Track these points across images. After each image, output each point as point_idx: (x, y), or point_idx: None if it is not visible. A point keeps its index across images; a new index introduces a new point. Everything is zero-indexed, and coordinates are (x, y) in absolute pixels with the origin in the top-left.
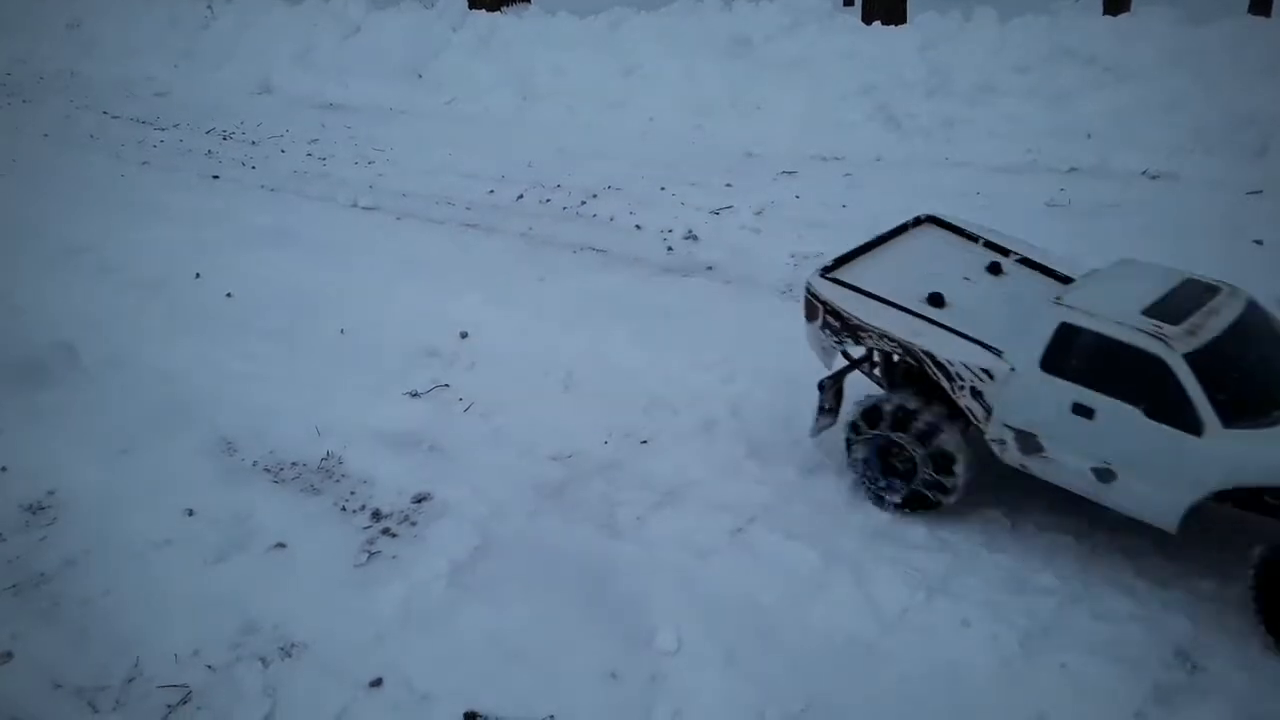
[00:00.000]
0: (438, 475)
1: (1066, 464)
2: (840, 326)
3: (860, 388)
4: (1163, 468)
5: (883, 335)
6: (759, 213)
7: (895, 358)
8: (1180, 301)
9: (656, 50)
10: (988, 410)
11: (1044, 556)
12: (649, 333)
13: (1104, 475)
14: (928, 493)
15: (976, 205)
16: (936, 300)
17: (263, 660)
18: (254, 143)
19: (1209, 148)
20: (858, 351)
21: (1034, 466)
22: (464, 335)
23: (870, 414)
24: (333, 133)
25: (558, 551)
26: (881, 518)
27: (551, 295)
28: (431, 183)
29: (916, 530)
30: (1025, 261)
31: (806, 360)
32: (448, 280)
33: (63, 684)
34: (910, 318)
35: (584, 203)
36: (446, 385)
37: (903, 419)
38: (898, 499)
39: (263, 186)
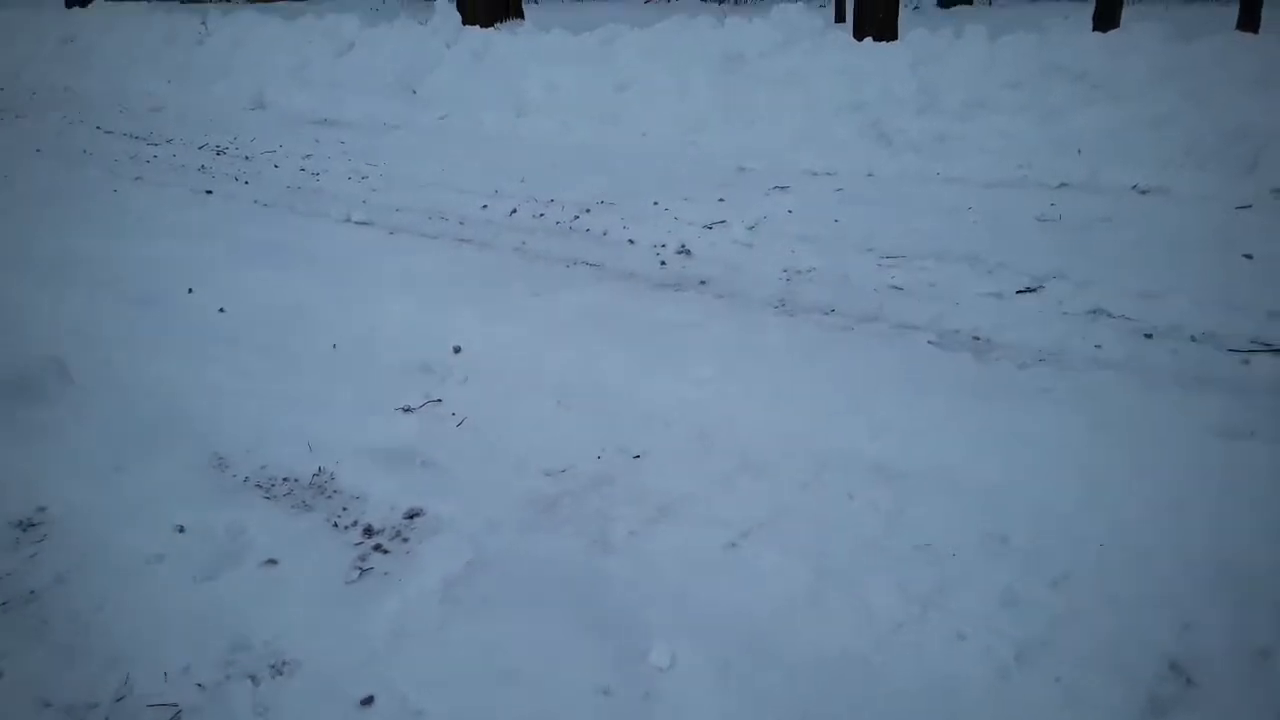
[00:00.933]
0: (430, 491)
1: None
2: None
3: None
4: None
5: None
6: (752, 227)
7: None
8: None
9: (649, 66)
10: None
11: (1038, 566)
12: (642, 347)
13: None
14: None
15: (968, 221)
16: None
17: (253, 678)
18: (247, 158)
19: (1199, 162)
20: None
21: None
22: (457, 350)
23: None
24: (326, 148)
25: (550, 567)
26: (876, 529)
27: (545, 310)
28: (425, 198)
29: (910, 542)
30: None
31: (797, 375)
32: (441, 295)
33: (52, 702)
34: None
35: (577, 217)
36: (439, 400)
37: None
38: None
39: (256, 202)
